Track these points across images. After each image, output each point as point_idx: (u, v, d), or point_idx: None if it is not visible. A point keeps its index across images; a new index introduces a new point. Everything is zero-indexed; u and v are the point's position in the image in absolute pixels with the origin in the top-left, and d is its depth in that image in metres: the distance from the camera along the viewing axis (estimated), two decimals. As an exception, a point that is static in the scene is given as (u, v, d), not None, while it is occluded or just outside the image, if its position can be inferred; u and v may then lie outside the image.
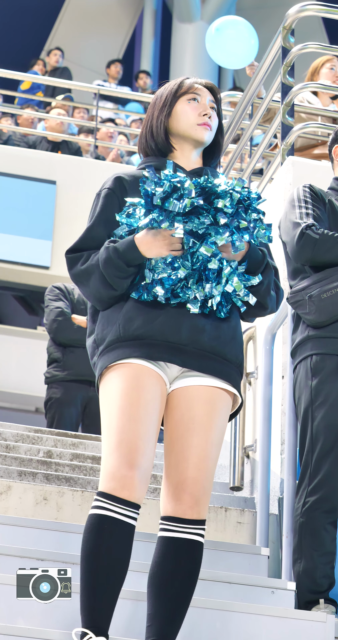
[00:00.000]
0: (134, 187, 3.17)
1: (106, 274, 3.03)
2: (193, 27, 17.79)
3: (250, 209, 3.02)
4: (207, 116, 3.23)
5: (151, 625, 2.95)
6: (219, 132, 3.31)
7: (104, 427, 3.01)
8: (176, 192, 2.97)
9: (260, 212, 3.04)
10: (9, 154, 10.93)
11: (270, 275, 3.14)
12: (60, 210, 10.65)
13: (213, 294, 2.99)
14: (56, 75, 14.86)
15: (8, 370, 11.08)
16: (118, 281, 3.03)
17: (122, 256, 3.01)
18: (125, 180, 3.20)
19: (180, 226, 2.95)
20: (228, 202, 2.97)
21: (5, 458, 4.83)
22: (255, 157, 6.09)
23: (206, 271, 2.99)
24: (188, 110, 3.25)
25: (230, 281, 3.01)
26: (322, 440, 3.88)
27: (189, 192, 2.96)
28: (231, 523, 4.54)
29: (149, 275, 3.01)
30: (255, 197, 3.02)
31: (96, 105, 11.77)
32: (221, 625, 3.48)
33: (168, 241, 2.99)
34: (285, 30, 5.50)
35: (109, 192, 3.18)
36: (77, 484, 4.60)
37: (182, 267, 2.97)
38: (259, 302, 3.13)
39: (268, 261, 3.14)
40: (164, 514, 3.02)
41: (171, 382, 3.07)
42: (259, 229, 3.04)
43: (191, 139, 3.24)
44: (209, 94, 3.29)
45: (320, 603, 3.80)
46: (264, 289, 3.12)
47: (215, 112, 3.28)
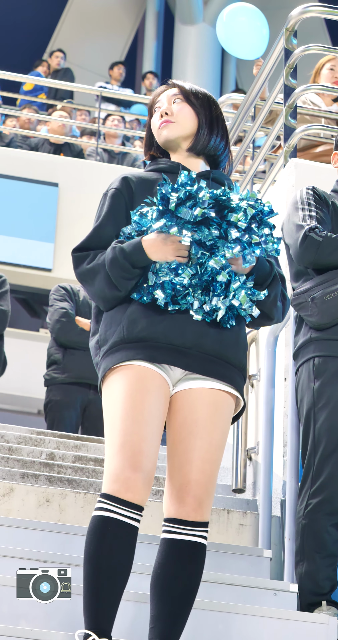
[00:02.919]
0: (141, 189, 3.17)
1: (111, 274, 3.03)
2: (196, 29, 17.81)
3: (262, 223, 3.02)
4: (163, 114, 3.21)
5: (154, 627, 2.95)
6: (205, 120, 3.23)
7: (108, 429, 3.00)
8: (190, 199, 2.97)
9: (272, 227, 3.04)
10: (12, 157, 10.94)
11: (277, 287, 3.13)
12: (62, 213, 10.66)
13: (219, 307, 2.99)
14: (58, 77, 14.88)
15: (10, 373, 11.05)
16: (123, 282, 3.03)
17: (129, 257, 3.01)
18: (132, 180, 3.20)
19: (188, 234, 2.95)
20: (242, 216, 2.97)
21: (7, 460, 4.83)
22: (258, 159, 6.09)
23: (213, 282, 2.99)
24: (154, 122, 3.27)
25: (237, 295, 3.01)
26: (324, 442, 3.88)
27: (203, 203, 2.96)
28: (234, 525, 4.54)
29: (152, 278, 3.01)
30: (267, 210, 3.02)
31: (98, 107, 11.78)
32: (224, 627, 3.48)
33: (175, 246, 2.99)
34: (288, 32, 5.50)
35: (116, 192, 3.18)
36: (80, 486, 4.60)
37: (185, 273, 2.97)
38: (265, 314, 3.12)
39: (275, 273, 3.13)
40: (168, 516, 3.02)
41: (175, 385, 3.07)
42: (269, 243, 3.04)
43: (163, 144, 3.25)
44: (173, 89, 3.27)
45: (322, 605, 3.80)
46: (271, 301, 3.11)
47: (182, 102, 3.24)
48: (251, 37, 6.99)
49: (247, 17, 7.01)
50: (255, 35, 6.97)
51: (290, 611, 3.66)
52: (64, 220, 10.59)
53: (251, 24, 6.97)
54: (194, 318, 3.00)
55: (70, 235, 10.25)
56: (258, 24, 6.97)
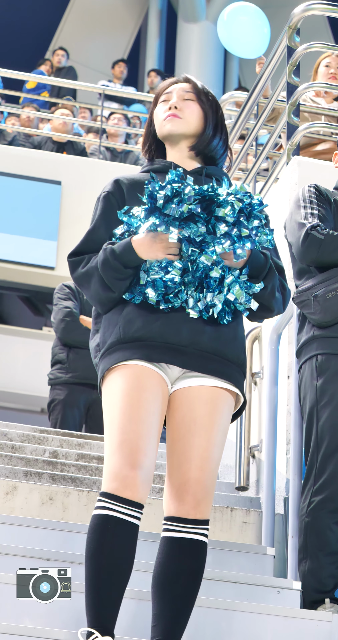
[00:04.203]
0: (133, 191, 3.18)
1: (104, 276, 3.04)
2: (198, 27, 17.78)
3: (252, 215, 3.01)
4: (173, 107, 3.22)
5: (156, 625, 2.96)
6: (210, 122, 3.25)
7: (106, 428, 3.01)
8: (177, 196, 2.97)
9: (263, 218, 3.03)
10: (14, 155, 10.94)
11: (274, 279, 3.12)
12: (65, 211, 10.66)
13: (215, 303, 2.99)
14: (61, 75, 14.87)
15: (14, 371, 11.10)
16: (116, 283, 3.04)
17: (119, 257, 3.02)
18: (123, 183, 3.21)
19: (175, 231, 2.96)
20: (230, 210, 2.97)
21: (11, 458, 4.84)
22: (261, 157, 6.09)
23: (207, 279, 2.99)
24: (158, 112, 3.26)
25: (232, 290, 3.00)
26: (327, 440, 3.88)
27: (189, 198, 2.96)
28: (237, 523, 4.54)
29: (144, 276, 3.02)
30: (256, 203, 3.02)
31: (101, 105, 11.78)
32: (227, 625, 3.48)
33: (164, 244, 2.99)
34: (291, 30, 5.49)
35: (107, 195, 3.20)
36: (83, 484, 4.60)
37: (175, 270, 2.97)
38: (264, 306, 3.12)
39: (271, 265, 3.12)
40: (168, 514, 3.02)
41: (173, 383, 3.07)
42: (261, 235, 3.03)
43: (163, 136, 3.24)
44: (185, 84, 3.28)
45: (325, 602, 3.80)
46: (268, 293, 3.11)
47: (193, 101, 3.26)
48: (252, 37, 6.98)
49: (248, 17, 7.01)
50: (256, 34, 6.97)
51: (293, 609, 3.66)
52: (67, 219, 10.59)
53: (252, 23, 6.96)
54: (190, 315, 3.00)
55: (73, 234, 10.24)
56: (259, 23, 6.97)
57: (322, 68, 6.39)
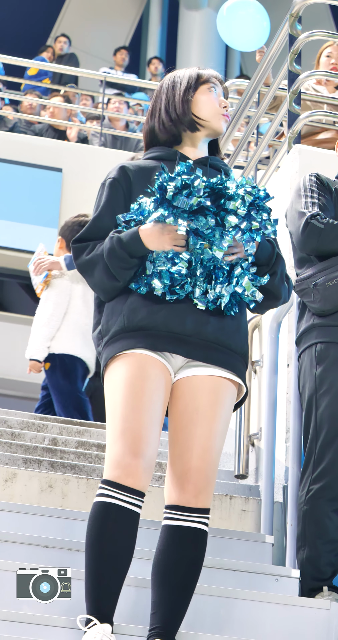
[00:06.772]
0: (139, 177, 3.17)
1: (110, 264, 3.04)
2: (200, 15, 17.74)
3: (260, 208, 3.02)
4: (226, 109, 3.24)
5: (155, 613, 2.96)
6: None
7: (109, 416, 3.01)
8: (186, 189, 2.97)
9: (269, 210, 3.05)
10: (15, 142, 10.93)
11: (283, 265, 3.15)
12: (66, 198, 10.65)
13: (223, 294, 3.00)
14: (63, 62, 14.84)
15: (13, 358, 11.08)
16: (121, 272, 3.04)
17: (126, 247, 3.02)
18: (129, 169, 3.20)
19: (184, 223, 2.96)
20: (240, 204, 2.98)
21: (10, 446, 4.84)
22: (262, 145, 6.08)
23: (216, 270, 2.99)
24: (211, 99, 3.24)
25: (240, 281, 3.01)
26: (326, 428, 3.88)
27: (199, 191, 2.96)
28: (236, 511, 4.55)
29: (150, 267, 3.02)
30: (263, 195, 3.03)
31: (102, 92, 11.75)
32: (226, 612, 3.49)
33: (172, 235, 2.99)
34: (292, 18, 5.48)
35: (113, 181, 3.18)
36: (83, 471, 4.60)
37: (182, 263, 2.97)
38: (273, 293, 3.13)
39: (278, 252, 3.14)
40: (169, 502, 3.02)
41: (176, 372, 3.08)
42: (268, 227, 3.05)
43: (211, 127, 3.23)
44: (222, 87, 3.30)
45: (323, 590, 3.81)
46: (278, 279, 3.13)
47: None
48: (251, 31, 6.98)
49: (247, 11, 7.00)
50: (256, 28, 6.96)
51: (291, 596, 3.67)
52: (68, 206, 10.57)
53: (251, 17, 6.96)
54: (198, 307, 3.01)
55: (74, 221, 10.22)
56: (258, 17, 6.96)
57: (324, 58, 6.39)
